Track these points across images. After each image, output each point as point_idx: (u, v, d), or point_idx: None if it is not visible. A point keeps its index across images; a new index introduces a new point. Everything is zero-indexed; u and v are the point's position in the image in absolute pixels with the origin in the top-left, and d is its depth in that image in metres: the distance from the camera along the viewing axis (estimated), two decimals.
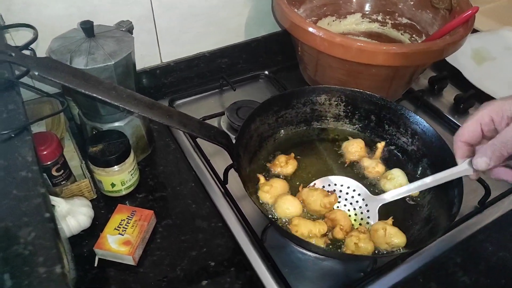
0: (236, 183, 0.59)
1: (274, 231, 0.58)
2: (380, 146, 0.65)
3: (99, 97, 0.48)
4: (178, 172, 0.66)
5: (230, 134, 0.62)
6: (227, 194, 0.63)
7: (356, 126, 0.70)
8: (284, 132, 0.69)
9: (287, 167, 0.63)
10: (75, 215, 0.54)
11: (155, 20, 0.73)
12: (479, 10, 0.68)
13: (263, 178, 0.60)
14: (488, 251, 0.59)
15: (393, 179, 0.60)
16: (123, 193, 0.61)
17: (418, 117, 0.63)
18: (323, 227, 0.54)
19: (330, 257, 0.57)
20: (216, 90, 0.83)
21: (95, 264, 0.53)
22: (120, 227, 0.54)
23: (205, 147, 0.69)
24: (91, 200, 0.60)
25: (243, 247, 0.57)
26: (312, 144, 0.69)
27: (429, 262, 0.57)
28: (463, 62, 0.89)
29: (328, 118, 0.70)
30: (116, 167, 0.58)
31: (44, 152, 0.54)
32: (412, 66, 0.68)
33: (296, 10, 0.81)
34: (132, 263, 0.53)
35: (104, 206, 0.61)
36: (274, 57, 0.91)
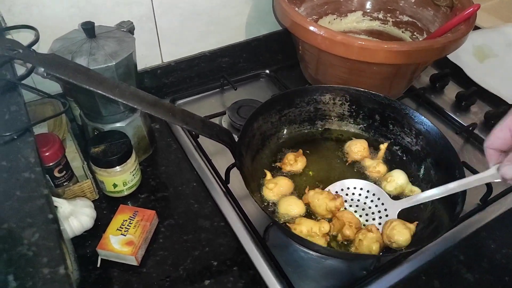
0: (238, 183, 0.59)
1: (276, 230, 0.58)
2: (383, 147, 0.65)
3: (103, 93, 0.48)
4: (180, 172, 0.66)
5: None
6: (229, 194, 0.63)
7: (360, 126, 0.70)
8: (287, 131, 0.69)
9: (297, 164, 0.63)
10: (78, 216, 0.54)
11: (156, 20, 0.73)
12: (481, 7, 0.68)
13: (270, 174, 0.60)
14: (491, 248, 0.59)
15: (392, 181, 0.60)
16: (125, 193, 0.61)
17: (423, 117, 0.63)
18: (325, 226, 0.53)
19: (330, 256, 0.56)
20: (217, 90, 0.83)
21: (98, 265, 0.53)
22: (122, 228, 0.54)
23: (206, 146, 0.69)
24: (93, 201, 0.60)
25: (246, 246, 0.57)
26: (315, 143, 0.69)
27: (432, 260, 0.57)
28: (464, 59, 0.89)
29: (332, 118, 0.70)
30: (118, 168, 0.58)
31: (46, 154, 0.54)
32: (413, 64, 0.68)
33: (297, 9, 0.81)
34: (135, 263, 0.53)
35: (107, 206, 0.61)
36: (275, 56, 0.91)
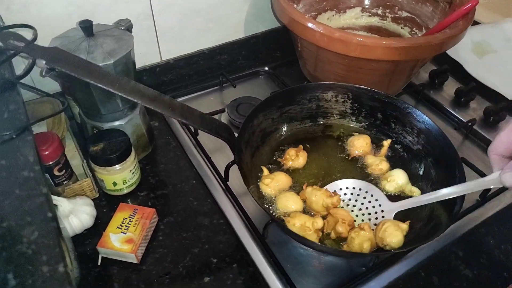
0: (237, 180, 0.59)
1: (275, 227, 0.58)
2: (386, 144, 0.65)
3: (104, 87, 0.49)
4: (179, 169, 0.67)
5: None
6: (228, 191, 0.63)
7: (362, 124, 0.69)
8: (288, 127, 0.69)
9: (298, 159, 0.63)
10: (78, 214, 0.54)
11: (154, 18, 0.73)
12: (480, 2, 0.68)
13: (267, 170, 0.61)
14: (490, 244, 0.59)
15: (392, 181, 0.60)
16: (125, 191, 0.62)
17: (425, 116, 0.62)
18: (319, 221, 0.53)
19: (324, 252, 0.56)
20: (216, 87, 0.83)
21: (99, 263, 0.54)
22: (122, 226, 0.55)
23: (205, 144, 0.69)
24: (93, 199, 0.60)
25: (245, 243, 0.57)
26: (316, 140, 0.68)
27: (430, 256, 0.57)
28: (463, 55, 0.89)
29: (334, 115, 0.70)
30: (117, 166, 0.58)
31: (45, 152, 0.55)
32: (412, 60, 0.68)
33: (296, 6, 0.81)
34: (135, 261, 0.53)
35: (106, 204, 0.61)
36: (274, 53, 0.91)
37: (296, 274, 0.54)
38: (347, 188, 0.60)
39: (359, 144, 0.65)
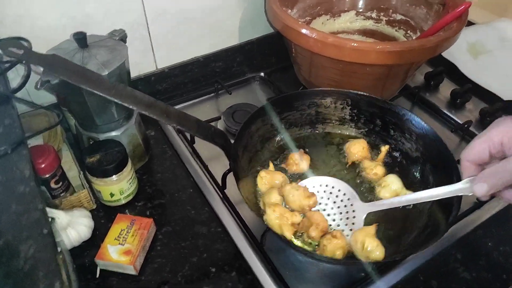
0: (235, 188, 0.59)
1: (273, 234, 0.58)
2: (383, 150, 0.65)
3: (100, 93, 0.49)
4: (176, 178, 0.67)
5: None
6: (225, 199, 0.63)
7: (361, 130, 0.69)
8: (288, 133, 0.69)
9: (302, 163, 0.63)
10: (75, 226, 0.54)
11: (148, 27, 0.73)
12: (473, 2, 0.68)
13: (272, 166, 0.62)
14: (488, 246, 0.59)
15: (387, 186, 0.59)
16: (122, 202, 0.62)
17: (424, 123, 0.62)
18: (297, 217, 0.54)
19: (319, 260, 0.56)
20: (212, 95, 0.83)
21: (97, 275, 0.54)
22: (120, 237, 0.55)
23: (202, 152, 0.70)
24: (91, 210, 0.60)
25: (243, 251, 0.57)
26: (316, 146, 0.68)
27: (429, 260, 0.57)
28: (458, 56, 0.89)
29: (333, 121, 0.70)
30: (114, 177, 0.58)
31: (42, 165, 0.55)
32: (406, 64, 0.68)
33: (290, 11, 0.81)
34: (133, 272, 0.53)
35: (104, 215, 0.61)
36: (269, 58, 0.91)
37: (295, 281, 0.54)
38: (320, 185, 0.60)
39: (356, 150, 0.65)
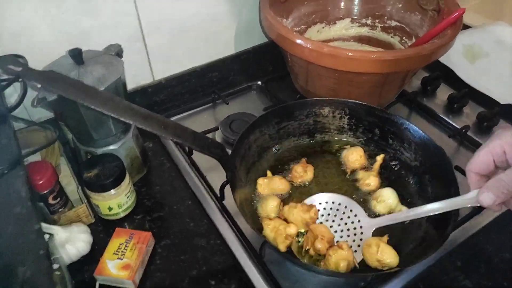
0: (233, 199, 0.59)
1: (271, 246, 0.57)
2: (379, 159, 0.64)
3: (96, 108, 0.50)
4: (175, 190, 0.67)
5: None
6: (224, 211, 0.63)
7: (360, 139, 0.69)
8: (286, 143, 0.69)
9: (307, 174, 0.63)
10: (74, 242, 0.55)
11: (145, 39, 0.74)
12: (468, 6, 0.68)
13: (270, 173, 0.62)
14: (489, 252, 0.59)
15: (382, 201, 0.58)
16: (121, 215, 0.62)
17: (422, 132, 0.61)
18: (292, 228, 0.54)
19: (317, 273, 0.55)
20: (209, 105, 0.83)
21: None
22: (119, 252, 0.55)
23: (200, 163, 0.70)
24: (90, 225, 0.60)
25: (243, 263, 0.57)
26: (315, 156, 0.68)
27: (429, 268, 0.57)
28: (455, 60, 0.89)
29: (332, 131, 0.70)
30: (112, 191, 0.58)
31: (39, 182, 0.55)
32: (402, 71, 0.68)
33: (285, 20, 0.81)
34: (132, 286, 0.53)
35: (103, 229, 0.61)
36: (265, 67, 0.91)
37: None
38: (326, 202, 0.59)
39: (354, 158, 0.64)
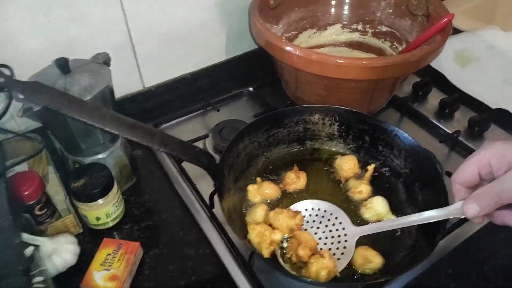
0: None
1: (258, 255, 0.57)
2: (370, 169, 0.64)
3: (81, 119, 0.50)
4: (164, 199, 0.66)
5: (216, 156, 0.61)
6: (213, 219, 0.62)
7: (350, 146, 0.69)
8: (276, 151, 0.68)
9: (300, 181, 0.63)
10: (61, 253, 0.54)
11: (134, 47, 0.73)
12: (459, 10, 0.68)
13: (260, 180, 0.62)
14: (479, 259, 0.59)
15: (371, 208, 0.58)
16: (109, 225, 0.61)
17: (411, 138, 0.61)
18: (277, 235, 0.53)
19: (304, 282, 0.53)
20: (200, 112, 0.83)
21: None
22: (106, 262, 0.54)
23: (190, 171, 0.69)
24: (78, 235, 0.60)
25: (232, 272, 0.56)
26: (305, 163, 0.67)
27: (420, 276, 0.56)
28: (446, 65, 0.89)
29: (322, 138, 0.69)
30: (99, 201, 0.58)
31: (26, 193, 0.54)
32: (391, 78, 0.68)
33: (275, 27, 0.81)
34: None
35: (91, 239, 0.60)
36: (256, 73, 0.90)
37: None
38: (312, 209, 0.58)
39: (347, 167, 0.64)
